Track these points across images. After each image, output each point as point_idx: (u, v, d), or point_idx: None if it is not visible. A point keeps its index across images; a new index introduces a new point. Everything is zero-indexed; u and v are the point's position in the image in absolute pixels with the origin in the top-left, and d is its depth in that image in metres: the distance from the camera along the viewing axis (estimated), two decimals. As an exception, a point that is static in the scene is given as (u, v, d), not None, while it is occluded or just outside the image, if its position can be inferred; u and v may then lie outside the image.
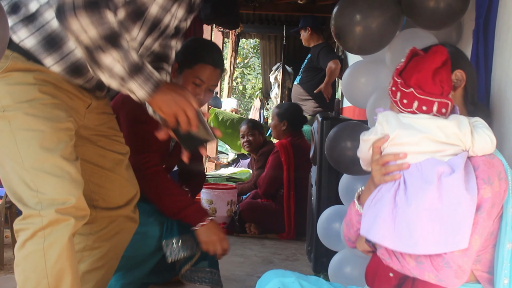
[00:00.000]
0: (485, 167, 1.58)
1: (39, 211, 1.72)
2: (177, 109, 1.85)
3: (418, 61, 1.64)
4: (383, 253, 1.63)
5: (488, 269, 1.64)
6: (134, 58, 1.76)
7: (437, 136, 1.59)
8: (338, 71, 6.09)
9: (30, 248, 1.75)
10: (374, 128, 1.71)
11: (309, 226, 4.10)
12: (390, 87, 1.68)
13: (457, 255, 1.52)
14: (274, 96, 10.94)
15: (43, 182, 1.75)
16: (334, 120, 3.54)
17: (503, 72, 2.09)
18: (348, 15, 2.46)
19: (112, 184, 2.17)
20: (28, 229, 1.74)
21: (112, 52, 1.71)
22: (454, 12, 2.35)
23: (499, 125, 2.04)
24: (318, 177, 3.72)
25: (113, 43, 1.71)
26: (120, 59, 1.72)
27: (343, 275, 2.79)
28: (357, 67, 2.91)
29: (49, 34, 1.85)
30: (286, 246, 4.59)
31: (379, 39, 2.47)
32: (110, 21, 1.70)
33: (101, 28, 1.68)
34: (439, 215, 1.51)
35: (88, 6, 1.66)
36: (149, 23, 1.97)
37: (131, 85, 1.78)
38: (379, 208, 1.60)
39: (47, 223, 1.72)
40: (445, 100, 1.61)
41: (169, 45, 2.21)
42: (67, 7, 1.66)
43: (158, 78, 1.83)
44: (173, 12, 2.03)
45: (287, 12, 8.59)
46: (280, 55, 10.67)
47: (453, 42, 2.58)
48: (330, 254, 3.02)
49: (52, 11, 1.80)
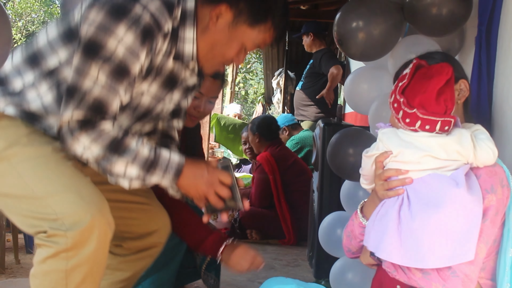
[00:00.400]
0: (486, 177, 1.59)
1: (64, 231, 1.63)
2: (206, 191, 1.81)
3: (423, 81, 1.62)
4: (388, 266, 1.63)
5: (492, 276, 1.64)
6: (145, 154, 1.74)
7: (438, 155, 1.59)
8: (340, 77, 6.09)
9: (52, 266, 1.67)
10: (375, 144, 1.72)
11: (310, 232, 4.10)
12: (392, 102, 1.67)
13: (464, 265, 1.52)
14: (276, 101, 10.94)
15: (61, 203, 1.67)
16: (336, 126, 3.53)
17: (505, 79, 2.09)
18: (350, 21, 2.47)
19: (139, 214, 2.12)
20: (50, 247, 1.66)
21: (120, 160, 1.71)
22: (457, 19, 2.35)
23: (501, 132, 2.03)
24: (320, 183, 3.71)
25: (119, 151, 1.71)
26: (131, 162, 1.72)
27: (344, 282, 2.79)
28: (359, 73, 2.91)
29: (32, 110, 1.82)
30: (288, 252, 4.58)
31: (381, 45, 2.48)
32: (110, 132, 1.71)
33: (102, 142, 1.69)
34: (445, 229, 1.51)
35: (83, 126, 1.68)
36: (139, 113, 1.94)
37: (152, 179, 1.77)
38: (384, 224, 1.60)
39: (72, 245, 1.64)
40: (448, 118, 1.60)
41: (171, 126, 2.16)
42: (65, 132, 1.69)
43: (177, 162, 1.79)
44: (166, 100, 2.00)
45: (290, 18, 8.60)
46: (282, 61, 10.67)
47: (455, 49, 2.59)
48: (331, 260, 3.01)
49: (39, 87, 1.81)
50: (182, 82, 1.99)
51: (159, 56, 1.83)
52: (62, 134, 1.70)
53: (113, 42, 1.69)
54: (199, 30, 1.86)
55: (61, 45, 1.81)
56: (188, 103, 2.15)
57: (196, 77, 2.01)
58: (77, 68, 1.71)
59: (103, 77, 1.70)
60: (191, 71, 1.97)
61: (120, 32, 1.69)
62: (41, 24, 17.62)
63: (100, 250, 1.70)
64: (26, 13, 16.72)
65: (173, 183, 1.80)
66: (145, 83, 1.87)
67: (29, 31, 17.14)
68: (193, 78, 2.01)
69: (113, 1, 1.73)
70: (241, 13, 1.82)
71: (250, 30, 1.85)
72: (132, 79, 1.77)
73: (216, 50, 1.88)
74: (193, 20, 1.84)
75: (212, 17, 1.83)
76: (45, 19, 17.81)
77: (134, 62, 1.73)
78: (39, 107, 1.80)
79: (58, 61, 1.81)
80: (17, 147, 1.75)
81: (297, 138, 6.07)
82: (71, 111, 1.68)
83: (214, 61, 1.92)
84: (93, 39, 1.70)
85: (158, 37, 1.77)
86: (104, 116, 1.71)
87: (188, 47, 1.86)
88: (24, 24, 16.77)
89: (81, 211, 1.66)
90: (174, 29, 1.83)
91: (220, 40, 1.86)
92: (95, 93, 1.69)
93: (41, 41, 1.85)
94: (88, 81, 1.69)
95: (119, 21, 1.69)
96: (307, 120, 6.48)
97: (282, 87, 10.21)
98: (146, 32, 1.72)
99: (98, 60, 1.69)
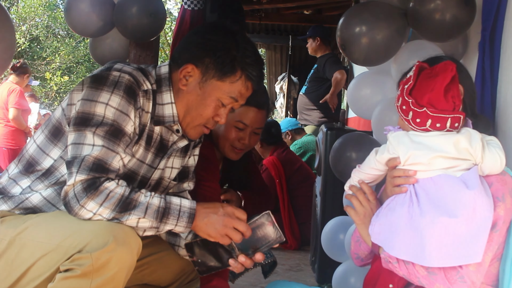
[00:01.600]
0: (498, 185, 1.59)
1: (90, 253, 1.60)
2: (225, 231, 1.78)
3: (429, 80, 1.64)
4: (390, 257, 1.62)
5: (492, 282, 1.64)
6: (155, 204, 1.73)
7: (449, 153, 1.60)
8: (344, 81, 6.09)
9: (75, 285, 1.63)
10: (386, 147, 1.73)
11: (313, 236, 4.09)
12: (400, 105, 1.68)
13: (472, 271, 1.52)
14: (280, 106, 10.93)
15: (78, 236, 1.64)
16: (339, 131, 3.53)
17: (509, 85, 2.09)
18: (354, 26, 2.47)
19: (159, 266, 2.09)
20: (75, 269, 1.61)
21: (131, 215, 1.70)
22: (460, 24, 2.35)
23: (504, 137, 2.03)
24: (323, 187, 3.71)
25: (128, 207, 1.69)
26: (142, 215, 1.71)
27: (347, 286, 2.78)
28: (362, 78, 2.91)
29: (33, 204, 1.84)
30: (290, 256, 4.57)
31: (384, 50, 2.48)
32: (115, 190, 1.70)
33: (111, 203, 1.68)
34: (453, 230, 1.51)
35: (88, 189, 1.67)
36: (138, 182, 1.94)
37: (166, 227, 1.75)
38: (392, 220, 1.62)
39: (98, 265, 1.60)
40: (458, 114, 1.62)
41: (181, 188, 2.16)
42: (71, 199, 1.68)
43: (188, 206, 1.78)
44: (162, 167, 2.00)
45: (293, 22, 8.61)
46: (285, 65, 10.67)
47: (459, 55, 2.59)
48: (334, 265, 3.01)
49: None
50: (173, 145, 2.00)
51: (146, 116, 1.86)
52: (68, 201, 1.68)
53: (101, 108, 1.74)
54: (175, 95, 1.90)
55: (50, 146, 1.85)
56: (195, 161, 2.14)
57: (185, 139, 2.00)
58: (73, 143, 1.73)
59: (100, 141, 1.72)
60: (176, 133, 1.97)
61: (105, 98, 1.75)
62: (44, 28, 17.65)
63: (122, 272, 1.67)
64: (30, 17, 16.73)
65: (188, 228, 1.78)
66: (139, 149, 1.89)
67: (33, 36, 17.17)
68: (182, 141, 2.00)
69: (89, 77, 1.81)
70: (208, 68, 1.86)
71: (221, 84, 1.87)
72: (128, 139, 1.79)
73: (193, 111, 1.90)
74: (168, 85, 1.89)
75: (181, 79, 1.87)
76: (49, 23, 17.84)
77: (126, 120, 1.77)
78: (40, 199, 1.83)
79: (52, 161, 1.84)
80: (28, 222, 1.75)
81: (300, 143, 6.07)
82: (74, 177, 1.68)
83: (195, 123, 1.93)
84: (82, 112, 1.75)
85: (140, 95, 1.81)
86: (107, 174, 1.71)
87: (167, 110, 1.90)
88: (28, 28, 16.78)
89: (102, 235, 1.63)
90: (152, 92, 1.87)
91: (194, 100, 1.88)
92: (94, 155, 1.70)
93: (31, 149, 1.89)
94: (86, 148, 1.71)
95: (101, 89, 1.77)
96: (310, 124, 6.47)
97: (285, 91, 10.20)
98: (128, 90, 1.78)
99: (91, 128, 1.73)
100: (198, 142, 2.13)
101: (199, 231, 1.80)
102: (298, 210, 4.94)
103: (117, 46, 3.57)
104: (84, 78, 1.85)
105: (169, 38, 14.83)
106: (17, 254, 1.72)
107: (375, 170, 1.77)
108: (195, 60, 1.86)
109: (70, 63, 17.70)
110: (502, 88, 2.15)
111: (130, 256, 1.67)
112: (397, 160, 1.67)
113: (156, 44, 3.87)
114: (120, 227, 1.68)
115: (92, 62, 17.22)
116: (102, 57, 3.62)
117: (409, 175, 1.64)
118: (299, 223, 4.91)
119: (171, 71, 1.92)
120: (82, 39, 16.91)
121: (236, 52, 1.87)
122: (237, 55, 1.86)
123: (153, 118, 1.89)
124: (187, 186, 2.16)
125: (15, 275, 1.71)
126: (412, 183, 1.63)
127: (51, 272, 1.67)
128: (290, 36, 9.72)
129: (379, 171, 1.77)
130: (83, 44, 17.26)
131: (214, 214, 1.79)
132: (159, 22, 3.43)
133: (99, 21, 3.32)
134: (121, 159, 1.77)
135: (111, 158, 1.73)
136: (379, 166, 1.75)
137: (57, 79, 16.40)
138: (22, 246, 1.72)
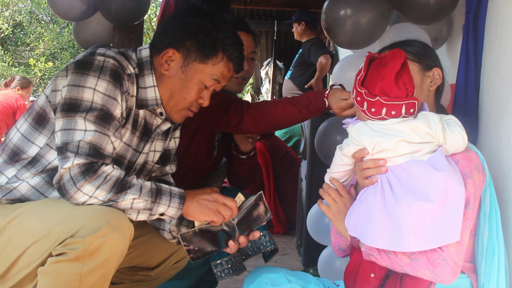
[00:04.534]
0: (464, 162, 1.62)
1: (83, 238, 1.61)
2: (216, 207, 1.84)
3: (379, 69, 1.65)
4: (371, 249, 1.63)
5: (470, 259, 1.67)
6: (148, 185, 1.76)
7: (411, 138, 1.61)
8: (329, 66, 6.09)
9: (67, 268, 1.63)
10: (348, 140, 1.73)
11: (298, 220, 4.11)
12: (355, 97, 1.69)
13: (453, 252, 1.53)
14: (265, 91, 10.92)
15: (71, 221, 1.65)
16: (324, 115, 3.52)
17: (492, 67, 2.10)
18: (338, 9, 2.47)
19: (147, 248, 2.11)
20: (68, 253, 1.62)
21: (127, 195, 1.72)
22: (445, 6, 2.36)
23: (487, 119, 2.04)
24: (308, 171, 3.72)
25: (123, 188, 1.71)
26: (137, 194, 1.73)
27: (332, 269, 2.80)
28: (347, 61, 2.90)
29: (21, 193, 1.84)
30: (277, 241, 4.56)
31: (369, 33, 2.48)
32: (112, 174, 1.71)
33: (106, 185, 1.69)
34: (429, 212, 1.52)
35: (86, 172, 1.68)
36: (125, 167, 1.94)
37: (159, 209, 1.78)
38: (366, 210, 1.62)
39: (91, 249, 1.61)
40: (412, 100, 1.62)
41: (164, 172, 2.16)
42: (67, 181, 1.67)
43: (178, 190, 1.82)
44: (146, 151, 2.01)
45: (278, 7, 8.56)
46: (271, 50, 10.65)
47: (443, 37, 2.59)
48: (319, 248, 3.02)
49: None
50: (156, 129, 2.00)
51: (132, 100, 1.87)
52: (63, 184, 1.68)
53: (89, 93, 1.74)
54: (157, 79, 1.91)
55: (35, 134, 1.84)
56: (176, 143, 2.15)
57: (168, 122, 2.01)
58: (63, 129, 1.72)
59: (91, 126, 1.72)
60: (160, 116, 1.97)
61: (92, 83, 1.75)
62: (28, 14, 17.44)
63: (114, 257, 1.68)
64: (13, 2, 16.54)
65: (180, 209, 1.80)
66: (126, 133, 1.89)
67: (16, 21, 16.96)
68: (166, 124, 2.01)
69: (73, 63, 1.81)
70: (189, 52, 1.86)
71: (204, 66, 1.88)
72: (117, 123, 1.80)
73: (177, 95, 1.91)
74: (150, 68, 1.90)
75: (163, 64, 1.88)
76: (32, 8, 17.62)
77: (114, 104, 1.78)
78: (28, 188, 1.82)
79: (38, 149, 1.83)
80: (18, 210, 1.75)
81: (286, 128, 6.07)
82: (71, 160, 1.68)
83: (179, 107, 1.94)
84: (69, 98, 1.75)
85: (125, 79, 1.82)
86: (103, 159, 1.73)
87: (150, 93, 1.90)
88: (11, 14, 16.58)
89: (95, 220, 1.64)
90: (135, 76, 1.87)
91: (177, 84, 1.89)
92: (88, 140, 1.70)
93: (15, 138, 1.87)
94: (78, 133, 1.71)
95: (86, 74, 1.76)
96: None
97: (271, 76, 10.19)
98: (114, 74, 1.78)
99: (81, 113, 1.73)
100: (178, 125, 2.13)
101: (191, 211, 1.83)
102: (284, 196, 4.96)
103: (100, 30, 3.54)
104: (68, 63, 1.85)
105: (154, 23, 14.74)
106: (7, 243, 1.72)
107: (343, 166, 1.77)
108: (176, 44, 1.86)
109: (54, 49, 17.51)
110: (485, 70, 2.16)
111: (123, 241, 1.68)
112: (364, 151, 1.66)
113: (140, 28, 3.85)
114: (113, 212, 1.69)
115: (76, 48, 17.05)
116: (86, 42, 3.59)
117: (380, 165, 1.64)
118: (285, 208, 4.93)
119: (152, 55, 1.92)
120: (66, 25, 16.73)
121: (216, 34, 1.87)
122: (217, 37, 1.87)
123: (137, 102, 1.90)
124: (169, 169, 2.16)
125: (6, 264, 1.71)
126: (384, 173, 1.63)
127: (43, 258, 1.67)
128: (275, 21, 9.69)
129: (347, 165, 1.76)
130: (67, 30, 17.06)
131: (202, 194, 1.85)
132: (143, 5, 3.40)
133: (82, 4, 3.29)
134: (111, 143, 1.78)
135: (105, 143, 1.75)
136: (346, 161, 1.75)
137: (41, 65, 16.22)
138: (13, 234, 1.72)
